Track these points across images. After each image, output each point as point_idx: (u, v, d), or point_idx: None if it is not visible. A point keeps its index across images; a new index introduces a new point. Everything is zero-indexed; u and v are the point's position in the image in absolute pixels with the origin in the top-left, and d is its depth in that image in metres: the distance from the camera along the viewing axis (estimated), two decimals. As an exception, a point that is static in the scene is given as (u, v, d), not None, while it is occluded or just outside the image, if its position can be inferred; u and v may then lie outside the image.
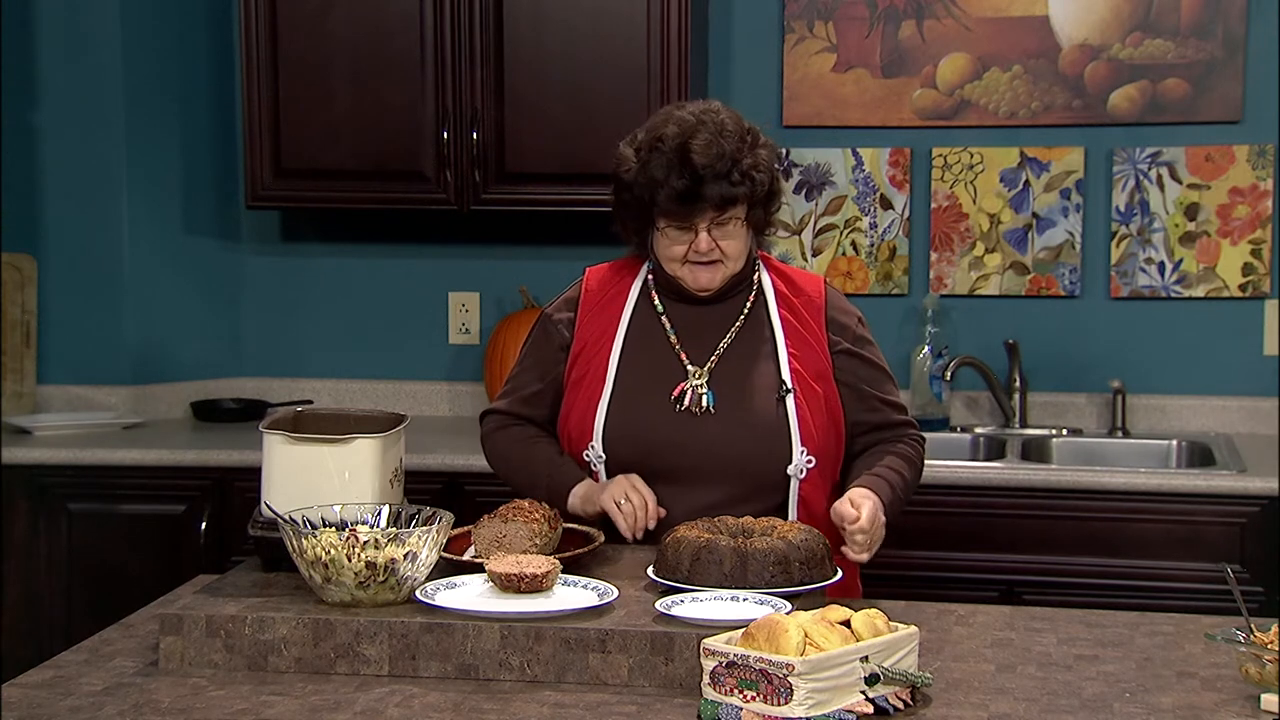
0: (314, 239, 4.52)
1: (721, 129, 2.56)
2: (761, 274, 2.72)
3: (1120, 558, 3.58)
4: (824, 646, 1.88)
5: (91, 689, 2.06)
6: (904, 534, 3.65)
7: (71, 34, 4.25)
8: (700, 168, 2.52)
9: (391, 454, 2.43)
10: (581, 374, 2.68)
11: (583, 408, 2.65)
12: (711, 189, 2.53)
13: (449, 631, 2.09)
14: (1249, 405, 4.12)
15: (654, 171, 2.55)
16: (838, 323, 2.70)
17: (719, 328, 2.68)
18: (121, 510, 3.90)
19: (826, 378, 2.66)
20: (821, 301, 2.71)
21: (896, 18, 4.19)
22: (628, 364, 2.66)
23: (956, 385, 4.18)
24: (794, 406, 2.61)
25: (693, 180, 2.52)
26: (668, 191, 2.54)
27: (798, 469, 2.59)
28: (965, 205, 4.20)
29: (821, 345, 2.67)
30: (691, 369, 2.64)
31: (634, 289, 2.72)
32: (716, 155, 2.53)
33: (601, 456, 2.62)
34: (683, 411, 2.61)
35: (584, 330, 2.71)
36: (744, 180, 2.55)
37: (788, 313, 2.68)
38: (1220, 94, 4.08)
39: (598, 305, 2.73)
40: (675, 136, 2.55)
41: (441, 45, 4.01)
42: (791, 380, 2.62)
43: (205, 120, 4.44)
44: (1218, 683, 2.08)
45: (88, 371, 4.36)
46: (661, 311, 2.69)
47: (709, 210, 2.55)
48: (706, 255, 2.59)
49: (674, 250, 2.61)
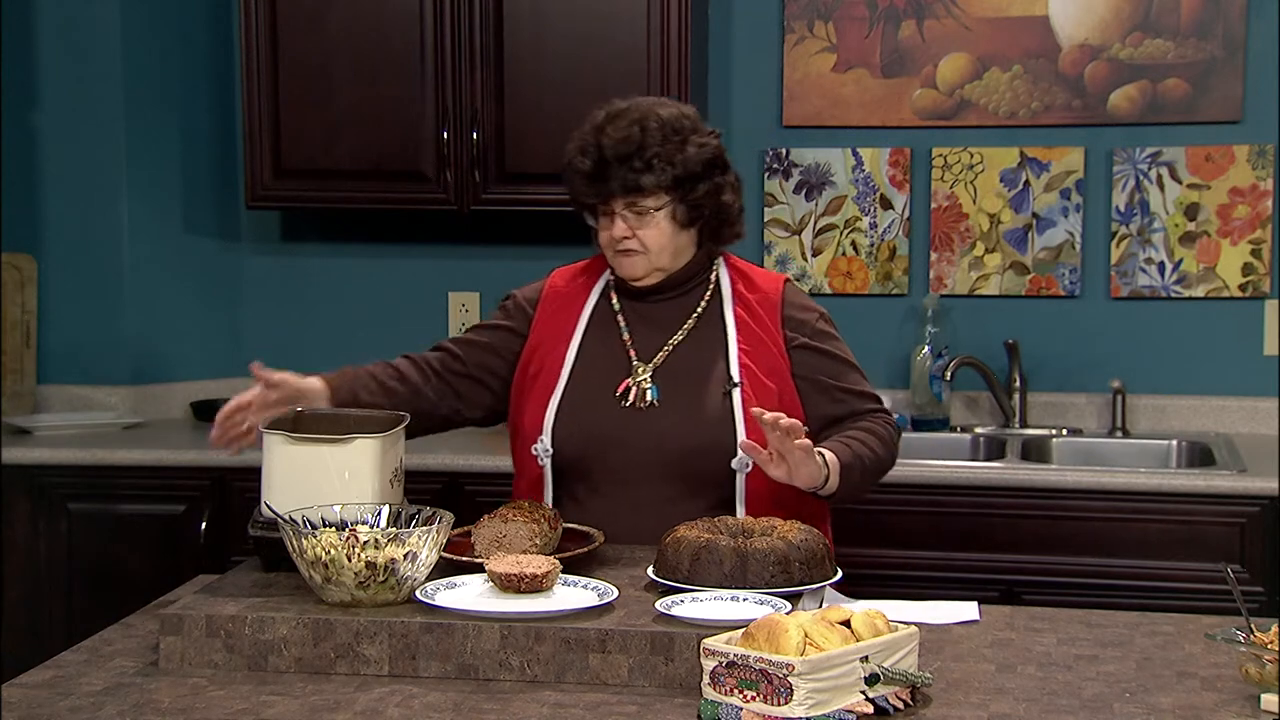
0: (314, 239, 4.52)
1: (645, 118, 2.60)
2: (720, 271, 2.74)
3: (1120, 558, 3.58)
4: (824, 646, 1.88)
5: (91, 689, 2.05)
6: (904, 534, 3.67)
7: (71, 34, 4.25)
8: (604, 150, 2.58)
9: (391, 454, 2.43)
10: (537, 370, 2.70)
11: (535, 403, 2.67)
12: (614, 171, 2.57)
13: (449, 631, 2.09)
14: (1249, 405, 4.12)
15: (571, 154, 2.63)
16: (795, 319, 2.70)
17: (673, 324, 2.69)
18: (121, 510, 3.90)
19: (782, 374, 2.66)
20: (778, 299, 2.71)
21: (896, 18, 4.19)
22: (583, 361, 2.68)
23: (956, 385, 4.18)
24: (740, 401, 2.61)
25: (596, 163, 2.59)
26: (575, 172, 2.62)
27: (742, 463, 2.58)
28: (965, 205, 4.20)
29: (777, 342, 2.68)
30: (637, 364, 2.66)
31: (596, 288, 2.76)
32: (623, 139, 2.58)
33: (549, 450, 2.63)
34: (628, 407, 2.63)
35: (541, 326, 2.74)
36: (648, 169, 2.57)
37: (743, 310, 2.69)
38: (1220, 94, 4.08)
39: (559, 304, 2.76)
40: (597, 121, 2.63)
41: (441, 45, 4.01)
42: (740, 375, 2.63)
43: (205, 120, 4.44)
44: (1218, 683, 2.08)
45: (88, 371, 4.36)
46: (618, 309, 2.72)
47: (616, 195, 2.59)
48: (621, 243, 2.62)
49: (603, 235, 2.66)
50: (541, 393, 2.67)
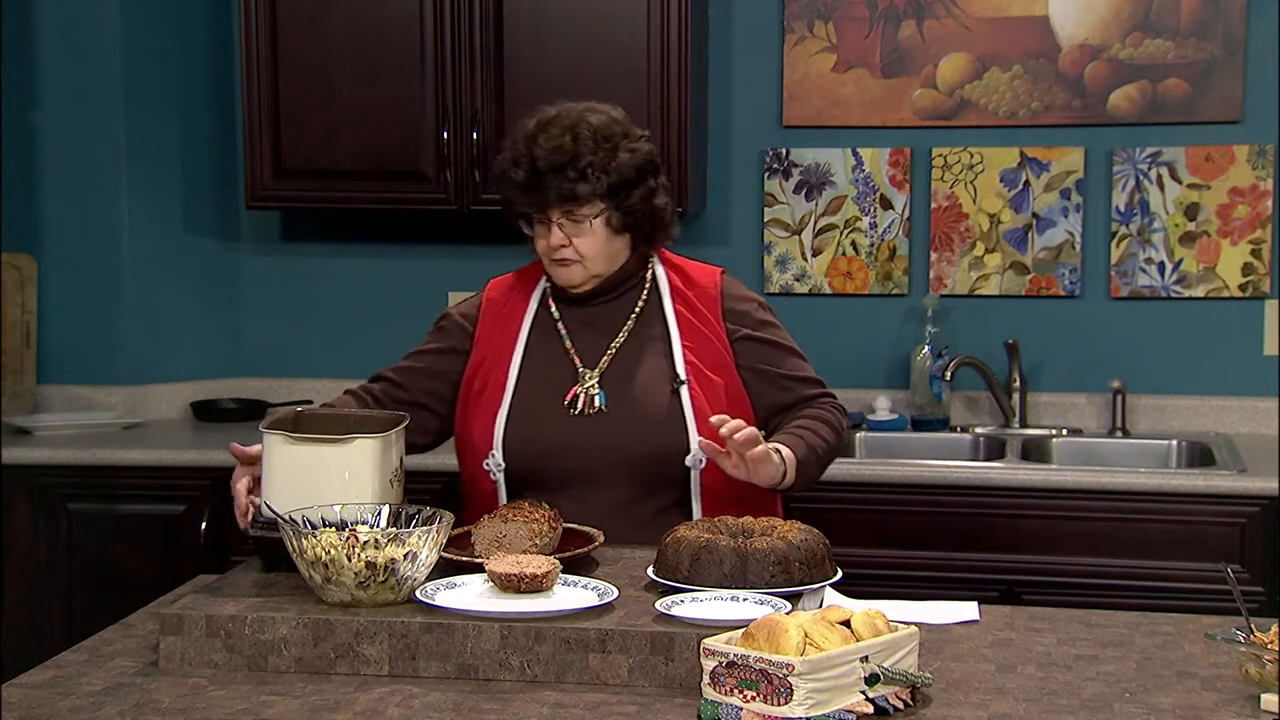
0: (314, 239, 4.51)
1: (576, 126, 2.60)
2: (656, 269, 2.73)
3: (1120, 558, 3.58)
4: (824, 646, 1.88)
5: (91, 689, 2.06)
6: (904, 534, 3.67)
7: (71, 34, 4.25)
8: (539, 160, 2.57)
9: (391, 454, 2.43)
10: (482, 385, 2.69)
11: (483, 419, 2.66)
12: (549, 181, 2.57)
13: (449, 631, 2.09)
14: (1249, 405, 4.12)
15: (503, 164, 2.63)
16: (735, 311, 2.71)
17: (613, 327, 2.69)
18: (121, 510, 3.90)
19: (727, 367, 2.66)
20: (717, 292, 2.71)
21: (896, 18, 4.19)
22: (527, 372, 2.67)
23: (956, 385, 4.18)
24: (689, 398, 2.61)
25: (530, 173, 2.58)
26: (510, 183, 2.61)
27: (696, 459, 2.59)
28: (965, 205, 4.20)
29: (719, 336, 2.68)
30: (583, 371, 2.65)
31: (534, 297, 2.75)
32: (555, 149, 2.57)
33: (501, 465, 2.63)
34: (577, 414, 2.62)
35: (484, 341, 2.73)
36: (582, 178, 2.56)
37: (682, 306, 2.69)
38: (1220, 94, 4.08)
39: (498, 316, 2.75)
40: (526, 131, 2.62)
41: (441, 45, 4.01)
42: (686, 372, 2.63)
43: (205, 120, 4.44)
44: (1218, 683, 2.08)
45: (88, 371, 4.36)
46: (558, 317, 2.71)
47: (552, 205, 2.58)
48: (558, 252, 2.61)
49: (538, 245, 2.66)
50: (489, 407, 2.66)
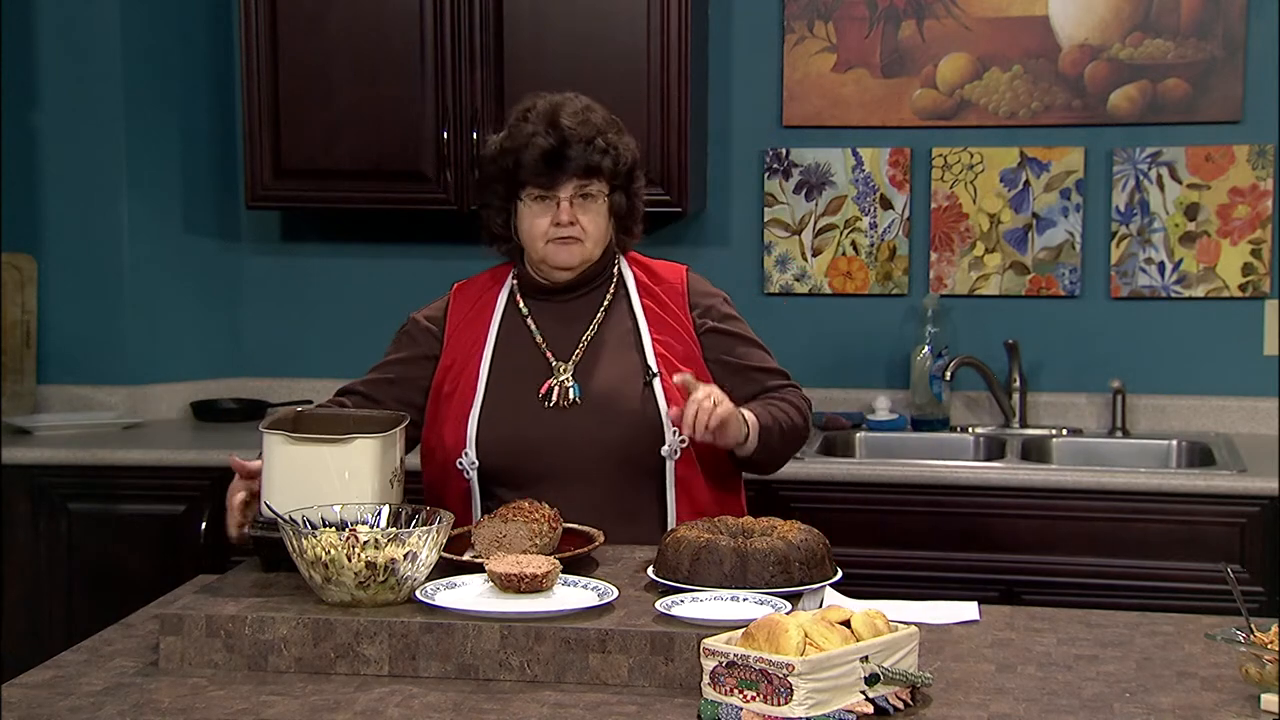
0: (314, 239, 4.51)
1: (590, 107, 2.67)
2: (621, 266, 2.76)
3: (1120, 558, 3.58)
4: (824, 646, 1.88)
5: (91, 689, 2.06)
6: (904, 534, 3.67)
7: (71, 34, 4.25)
8: (567, 130, 2.59)
9: (391, 454, 2.43)
10: (452, 388, 2.69)
11: (455, 418, 2.65)
12: (576, 151, 2.59)
13: (449, 631, 2.09)
14: (1249, 405, 4.12)
15: (521, 136, 2.62)
16: (701, 305, 2.74)
17: (583, 321, 2.71)
18: (121, 510, 3.90)
19: (695, 360, 2.69)
20: (683, 287, 2.75)
21: (896, 18, 4.19)
22: (498, 370, 2.67)
23: (956, 385, 4.18)
24: (661, 390, 2.63)
25: (559, 141, 2.59)
26: (534, 151, 2.59)
27: (671, 450, 2.61)
28: (965, 205, 4.20)
29: (687, 329, 2.71)
30: (556, 364, 2.66)
31: (501, 297, 2.75)
32: (582, 122, 2.61)
33: (474, 462, 2.62)
34: (551, 408, 2.63)
35: (453, 343, 2.73)
36: (608, 151, 2.61)
37: (650, 301, 2.72)
38: (1220, 94, 4.08)
39: (465, 319, 2.75)
40: (545, 105, 2.65)
41: (441, 45, 4.01)
42: (657, 364, 2.65)
43: (205, 120, 4.44)
44: (1218, 683, 2.08)
45: (88, 371, 4.36)
46: (527, 314, 2.72)
47: (573, 177, 2.59)
48: (565, 229, 2.61)
49: (537, 225, 2.63)
50: (460, 407, 2.66)
